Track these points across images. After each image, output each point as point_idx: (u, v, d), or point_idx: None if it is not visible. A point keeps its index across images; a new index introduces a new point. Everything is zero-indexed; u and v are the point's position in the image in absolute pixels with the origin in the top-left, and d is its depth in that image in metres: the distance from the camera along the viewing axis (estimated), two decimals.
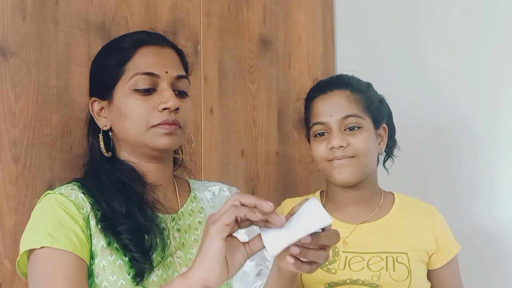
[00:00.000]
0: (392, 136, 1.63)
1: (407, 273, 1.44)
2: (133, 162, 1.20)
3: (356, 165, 1.46)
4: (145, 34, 1.23)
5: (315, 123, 1.51)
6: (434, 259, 1.51)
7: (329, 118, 1.48)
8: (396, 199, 1.57)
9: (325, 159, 1.49)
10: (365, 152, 1.47)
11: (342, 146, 1.46)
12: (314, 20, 2.13)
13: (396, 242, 1.48)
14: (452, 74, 1.96)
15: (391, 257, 1.46)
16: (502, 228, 1.86)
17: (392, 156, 1.64)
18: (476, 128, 1.91)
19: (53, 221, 1.06)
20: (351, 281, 1.45)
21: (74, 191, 1.13)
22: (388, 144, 1.60)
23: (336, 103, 1.49)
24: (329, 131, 1.49)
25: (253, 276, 1.21)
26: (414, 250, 1.48)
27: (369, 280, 1.44)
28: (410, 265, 1.46)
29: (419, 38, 2.04)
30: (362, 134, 1.47)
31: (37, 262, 1.04)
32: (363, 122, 1.48)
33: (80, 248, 1.05)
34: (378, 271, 1.44)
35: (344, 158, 1.46)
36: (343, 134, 1.47)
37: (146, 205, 1.16)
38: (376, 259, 1.46)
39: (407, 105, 1.98)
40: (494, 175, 1.88)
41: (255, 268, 1.22)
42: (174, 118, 1.16)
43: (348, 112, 1.48)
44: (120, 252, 1.09)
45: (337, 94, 1.51)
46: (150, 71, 1.16)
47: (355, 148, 1.46)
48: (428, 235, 1.51)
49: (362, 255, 1.47)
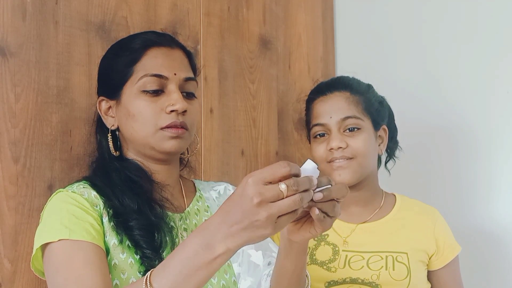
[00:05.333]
0: (394, 137, 1.63)
1: (406, 273, 1.45)
2: (140, 162, 1.21)
3: (355, 167, 1.47)
4: (155, 34, 1.23)
5: (315, 124, 1.52)
6: (434, 260, 1.51)
7: (328, 120, 1.49)
8: (397, 200, 1.58)
9: (325, 160, 1.49)
10: (364, 153, 1.48)
11: (341, 147, 1.46)
12: (314, 20, 2.13)
13: (396, 242, 1.49)
14: (452, 74, 1.96)
15: (391, 256, 1.47)
16: (502, 228, 1.86)
17: (393, 157, 1.65)
18: (476, 128, 1.92)
19: (68, 215, 1.06)
20: (350, 279, 1.45)
21: (87, 189, 1.13)
22: (390, 145, 1.61)
23: (336, 104, 1.50)
24: (329, 132, 1.50)
25: (262, 266, 1.21)
26: (414, 250, 1.48)
27: (368, 279, 1.44)
28: (410, 264, 1.46)
29: (419, 38, 2.04)
30: (361, 135, 1.48)
31: (54, 254, 1.03)
32: (362, 123, 1.49)
33: (97, 237, 1.05)
34: (378, 270, 1.45)
35: (343, 159, 1.47)
36: (342, 135, 1.48)
37: (156, 203, 1.16)
38: (376, 258, 1.47)
39: (406, 105, 1.98)
40: (494, 175, 1.88)
41: (264, 259, 1.22)
42: (182, 120, 1.16)
43: (347, 114, 1.48)
44: (131, 250, 1.09)
45: (336, 96, 1.51)
46: (159, 73, 1.16)
47: (354, 149, 1.47)
48: (429, 236, 1.51)
49: (362, 254, 1.48)
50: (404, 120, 1.72)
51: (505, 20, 1.86)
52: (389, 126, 1.59)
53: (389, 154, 1.64)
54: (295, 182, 0.81)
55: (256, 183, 0.81)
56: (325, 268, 1.47)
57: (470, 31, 1.93)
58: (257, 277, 1.21)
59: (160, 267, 0.89)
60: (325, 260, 1.49)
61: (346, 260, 1.47)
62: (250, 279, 1.21)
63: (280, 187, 0.81)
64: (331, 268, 1.47)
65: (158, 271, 0.89)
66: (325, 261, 1.49)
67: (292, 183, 0.81)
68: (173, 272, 0.87)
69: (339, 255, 1.49)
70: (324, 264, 1.48)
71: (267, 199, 0.80)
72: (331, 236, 1.52)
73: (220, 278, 1.19)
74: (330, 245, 1.51)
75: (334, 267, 1.47)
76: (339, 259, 1.48)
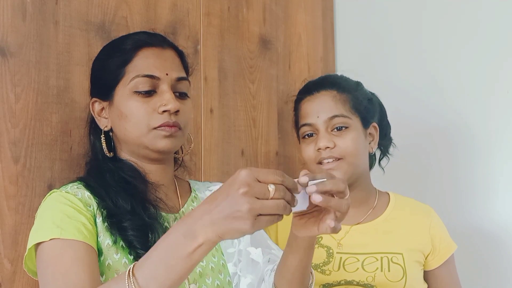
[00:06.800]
0: (387, 135, 1.61)
1: (402, 274, 1.43)
2: (134, 162, 1.21)
3: (345, 167, 1.45)
4: (146, 35, 1.23)
5: (302, 124, 1.51)
6: (430, 260, 1.50)
7: (315, 119, 1.48)
8: (391, 199, 1.56)
9: (314, 161, 1.47)
10: (353, 153, 1.45)
11: (329, 147, 1.44)
12: (314, 20, 2.13)
13: (391, 242, 1.47)
14: (452, 74, 1.96)
15: (386, 257, 1.45)
16: (500, 227, 1.86)
17: (387, 154, 1.62)
18: (474, 127, 1.91)
19: (60, 215, 1.06)
20: (345, 282, 1.44)
21: (80, 190, 1.13)
22: (383, 143, 1.59)
23: (322, 103, 1.48)
24: (317, 132, 1.48)
25: (262, 263, 1.21)
26: (410, 251, 1.47)
27: (364, 281, 1.43)
28: (406, 265, 1.45)
29: (419, 38, 2.04)
30: (349, 134, 1.46)
31: (45, 253, 1.03)
32: (350, 122, 1.47)
33: (89, 237, 1.05)
34: (373, 272, 1.44)
35: (332, 159, 1.45)
36: (330, 135, 1.46)
37: (150, 203, 1.16)
38: (371, 260, 1.45)
39: (406, 104, 1.98)
40: (492, 175, 1.88)
41: (264, 256, 1.22)
42: (174, 120, 1.16)
43: (334, 113, 1.46)
44: (125, 250, 1.09)
45: (323, 95, 1.50)
46: (151, 73, 1.16)
47: (342, 149, 1.44)
48: (424, 235, 1.50)
49: (356, 256, 1.46)
50: (403, 119, 1.72)
51: (505, 20, 1.86)
52: (381, 123, 1.57)
53: (382, 152, 1.61)
54: (284, 190, 0.83)
55: (248, 175, 0.83)
56: (320, 271, 1.46)
57: (470, 31, 1.93)
58: (257, 274, 1.21)
59: (143, 258, 0.90)
60: (319, 263, 1.47)
61: (340, 263, 1.46)
62: (250, 276, 1.21)
63: (269, 186, 0.83)
64: (326, 271, 1.45)
65: (141, 261, 0.90)
66: (319, 264, 1.47)
67: (281, 189, 0.83)
68: (155, 262, 0.88)
69: (333, 258, 1.47)
70: (318, 267, 1.46)
71: (254, 193, 0.82)
72: (325, 239, 1.50)
73: (214, 278, 1.19)
74: (324, 248, 1.49)
75: (329, 269, 1.45)
76: (334, 262, 1.46)
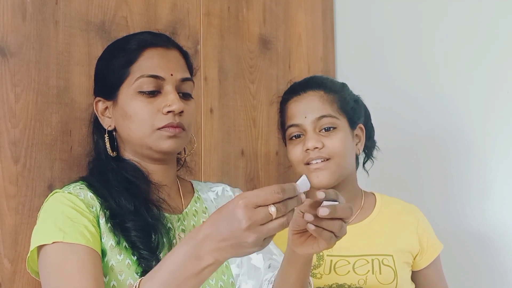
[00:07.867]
0: (372, 137, 1.60)
1: (393, 276, 1.43)
2: (137, 162, 1.21)
3: (333, 168, 1.43)
4: (151, 35, 1.23)
5: (290, 125, 1.49)
6: (419, 260, 1.50)
7: (303, 120, 1.46)
8: (377, 199, 1.55)
9: (302, 162, 1.46)
10: (341, 153, 1.44)
11: (317, 147, 1.43)
12: (314, 20, 2.13)
13: (381, 244, 1.47)
14: (452, 74, 1.96)
15: (377, 259, 1.44)
16: (494, 230, 1.85)
17: (371, 157, 1.61)
18: (468, 130, 1.91)
19: (63, 217, 1.06)
20: (337, 285, 1.43)
21: (83, 191, 1.13)
22: (367, 145, 1.57)
23: (310, 104, 1.47)
24: (304, 133, 1.46)
25: (263, 269, 1.21)
26: (399, 252, 1.46)
27: (355, 284, 1.42)
28: (396, 267, 1.44)
29: (419, 38, 2.04)
30: (337, 134, 1.45)
31: (47, 257, 1.03)
32: (338, 122, 1.46)
33: (92, 241, 1.05)
34: (364, 275, 1.42)
35: (320, 159, 1.43)
36: (318, 135, 1.44)
37: (153, 204, 1.16)
38: (362, 262, 1.44)
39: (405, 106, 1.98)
40: (486, 177, 1.88)
41: (264, 262, 1.22)
42: (179, 121, 1.16)
43: (322, 113, 1.45)
44: (128, 251, 1.09)
45: (310, 95, 1.48)
46: (155, 74, 1.16)
47: (331, 150, 1.43)
48: (412, 236, 1.49)
49: (347, 259, 1.45)
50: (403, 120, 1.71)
51: (505, 21, 1.86)
52: (366, 125, 1.56)
53: (366, 154, 1.60)
54: (284, 204, 0.83)
55: (247, 206, 0.82)
56: (311, 275, 1.44)
57: (470, 32, 1.92)
58: (258, 280, 1.20)
59: (148, 276, 0.91)
60: None
61: (331, 266, 1.44)
62: (251, 282, 1.21)
63: (270, 209, 0.82)
64: (317, 275, 1.44)
65: (147, 280, 0.91)
66: None
67: (282, 206, 0.83)
68: (161, 281, 0.89)
69: (323, 261, 1.45)
70: None
71: (257, 222, 0.82)
72: None
73: (218, 279, 1.18)
74: None
75: (320, 273, 1.44)
76: (324, 265, 1.44)
